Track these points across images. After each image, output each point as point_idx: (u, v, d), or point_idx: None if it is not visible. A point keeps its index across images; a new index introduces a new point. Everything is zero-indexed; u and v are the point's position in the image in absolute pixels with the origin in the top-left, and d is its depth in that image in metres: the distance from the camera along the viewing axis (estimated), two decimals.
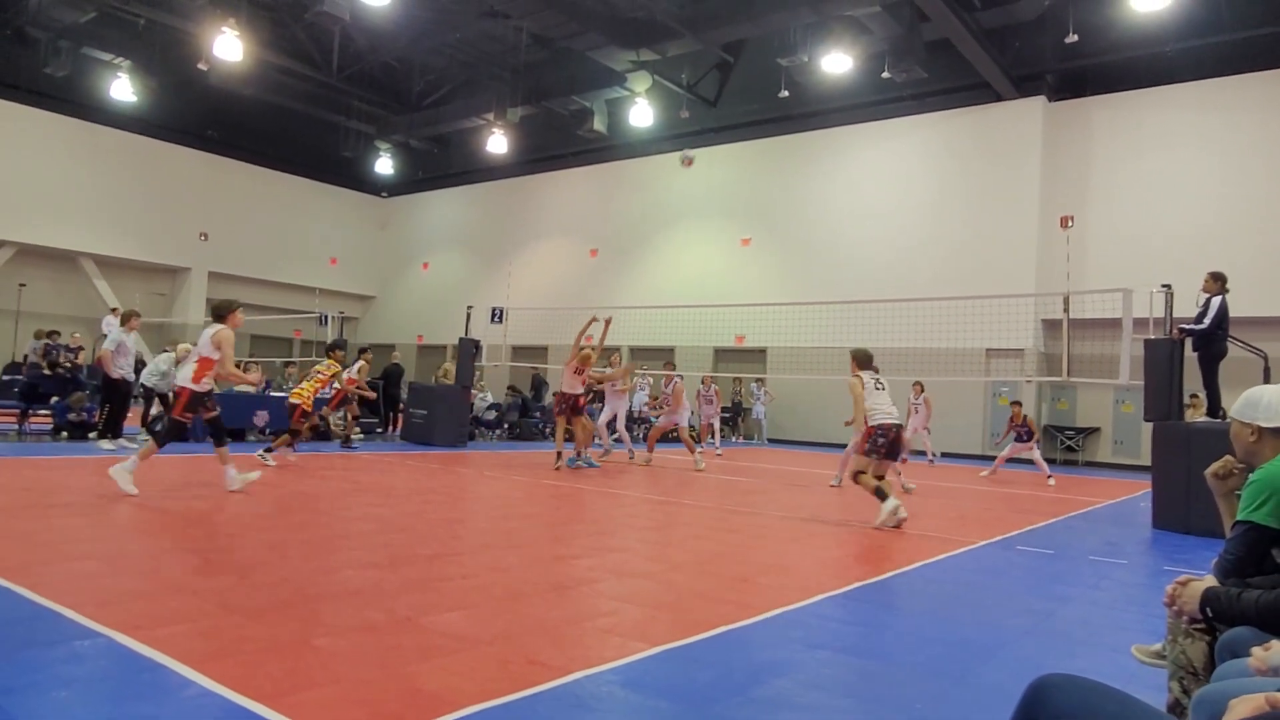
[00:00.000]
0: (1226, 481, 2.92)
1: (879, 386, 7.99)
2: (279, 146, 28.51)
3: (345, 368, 11.99)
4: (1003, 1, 17.72)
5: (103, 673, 3.00)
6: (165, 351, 13.71)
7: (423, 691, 2.95)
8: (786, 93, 20.66)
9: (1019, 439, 13.63)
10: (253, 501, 7.15)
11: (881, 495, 7.58)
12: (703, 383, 17.01)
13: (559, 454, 11.71)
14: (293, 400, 10.75)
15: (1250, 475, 2.66)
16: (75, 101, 23.76)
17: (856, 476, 7.86)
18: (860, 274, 20.23)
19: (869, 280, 19.74)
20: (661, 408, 14.43)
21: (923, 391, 15.11)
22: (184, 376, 7.45)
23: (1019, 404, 14.23)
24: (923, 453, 16.48)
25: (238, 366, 7.84)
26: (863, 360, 8.13)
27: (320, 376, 10.91)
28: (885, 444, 7.69)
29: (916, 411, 15.04)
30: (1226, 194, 17.16)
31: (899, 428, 7.91)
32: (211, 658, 3.14)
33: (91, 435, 11.60)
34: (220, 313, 7.60)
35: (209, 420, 7.67)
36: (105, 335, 14.10)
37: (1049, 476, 13.15)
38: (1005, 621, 4.54)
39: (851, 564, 6.08)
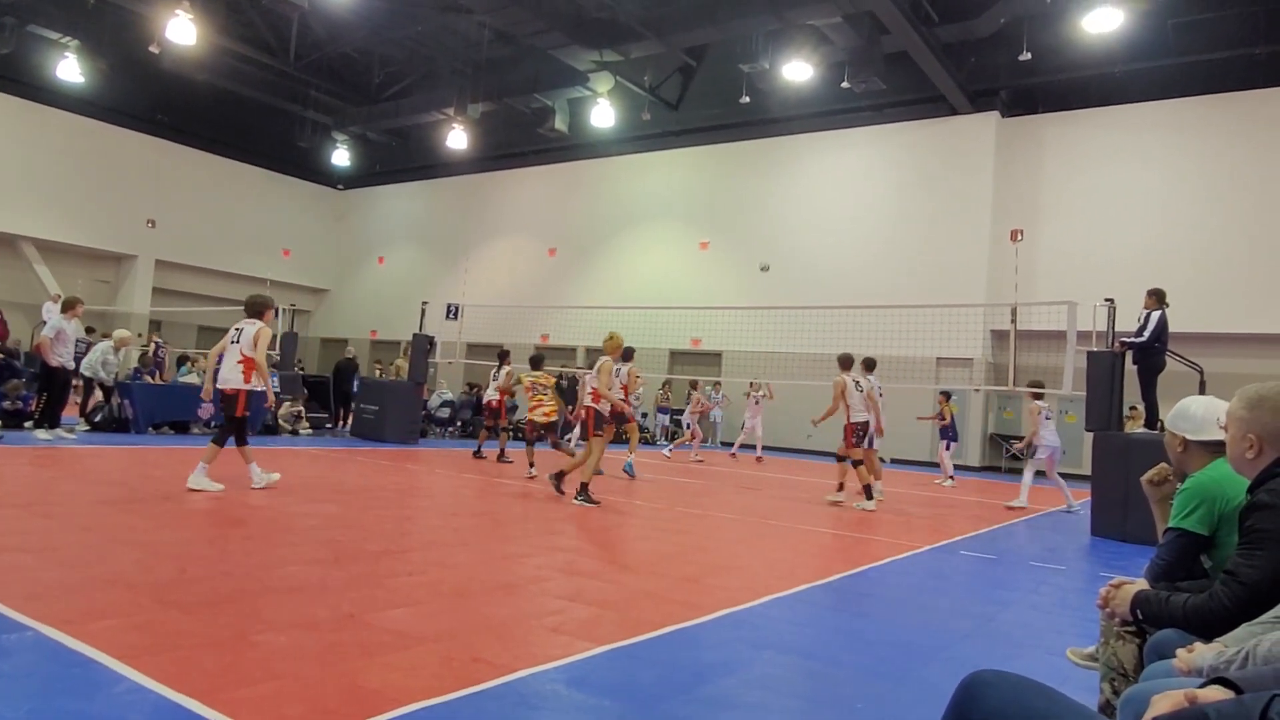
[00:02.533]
0: (1160, 488, 3.01)
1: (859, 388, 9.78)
2: (232, 134, 27.90)
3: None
4: (960, 17, 18.06)
5: (29, 667, 2.90)
6: (103, 339, 13.34)
7: (364, 689, 2.91)
8: (748, 98, 20.81)
9: (945, 436, 14.54)
10: (193, 495, 6.98)
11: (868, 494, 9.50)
12: (751, 386, 17.74)
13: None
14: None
15: (1181, 484, 2.75)
16: (19, 80, 22.97)
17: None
18: (815, 280, 20.45)
19: (824, 286, 19.96)
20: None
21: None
22: (237, 378, 7.39)
23: (946, 394, 14.85)
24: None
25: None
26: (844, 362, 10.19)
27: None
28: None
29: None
30: (1168, 213, 17.70)
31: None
32: (145, 653, 3.06)
33: (28, 424, 11.21)
34: (259, 309, 7.68)
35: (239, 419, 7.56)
36: (45, 322, 13.68)
37: (950, 477, 14.18)
38: (947, 624, 4.62)
39: (799, 566, 6.14)
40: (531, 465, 10.81)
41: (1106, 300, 9.94)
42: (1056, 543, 8.38)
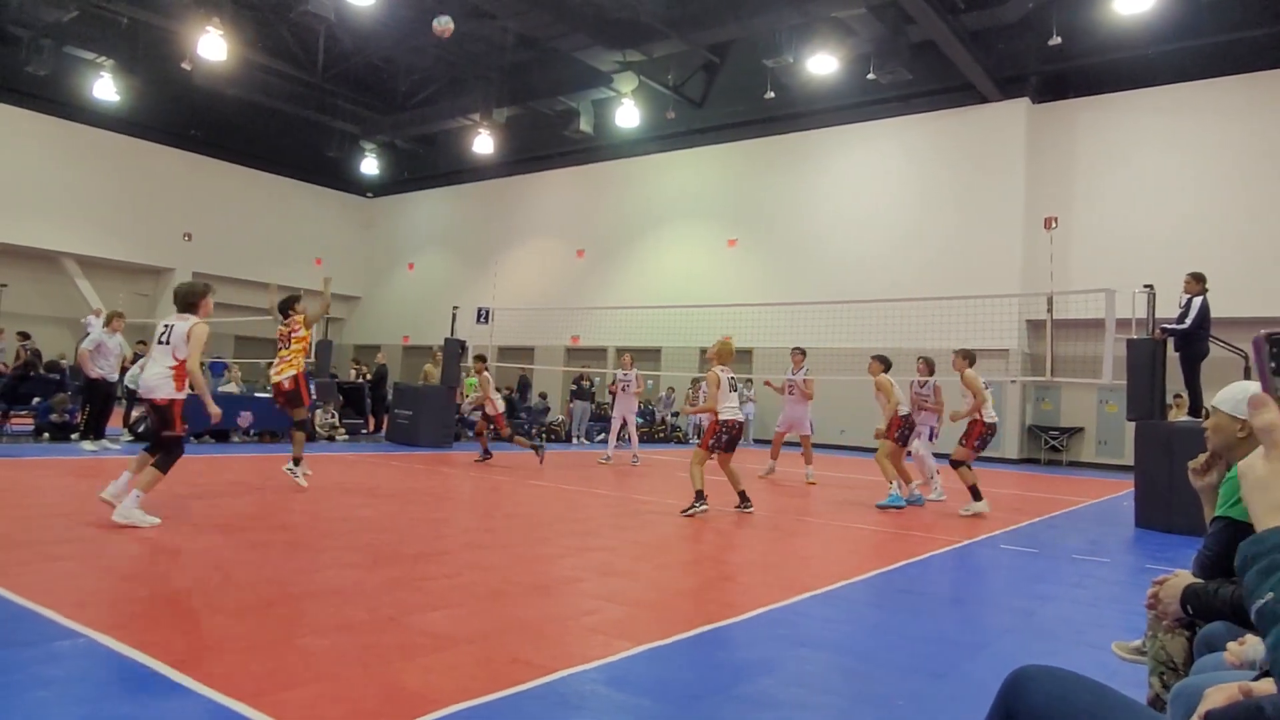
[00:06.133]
0: (1206, 476, 2.93)
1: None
2: (263, 146, 28.33)
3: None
4: (987, 4, 17.82)
5: (81, 673, 2.97)
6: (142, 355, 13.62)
7: (405, 690, 2.93)
8: (772, 94, 20.71)
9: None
10: (236, 502, 7.10)
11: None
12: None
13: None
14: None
15: (1230, 471, 2.67)
16: (57, 101, 23.54)
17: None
18: (846, 274, 20.29)
19: (854, 280, 19.79)
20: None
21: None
22: (166, 386, 5.89)
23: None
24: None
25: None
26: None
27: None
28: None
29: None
30: (1207, 195, 17.32)
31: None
32: (192, 657, 3.11)
33: (74, 436, 11.49)
34: (190, 300, 6.08)
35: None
36: (89, 335, 13.99)
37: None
38: (988, 619, 4.56)
39: (834, 562, 6.09)
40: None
41: (1146, 286, 9.74)
42: (1100, 535, 8.23)
